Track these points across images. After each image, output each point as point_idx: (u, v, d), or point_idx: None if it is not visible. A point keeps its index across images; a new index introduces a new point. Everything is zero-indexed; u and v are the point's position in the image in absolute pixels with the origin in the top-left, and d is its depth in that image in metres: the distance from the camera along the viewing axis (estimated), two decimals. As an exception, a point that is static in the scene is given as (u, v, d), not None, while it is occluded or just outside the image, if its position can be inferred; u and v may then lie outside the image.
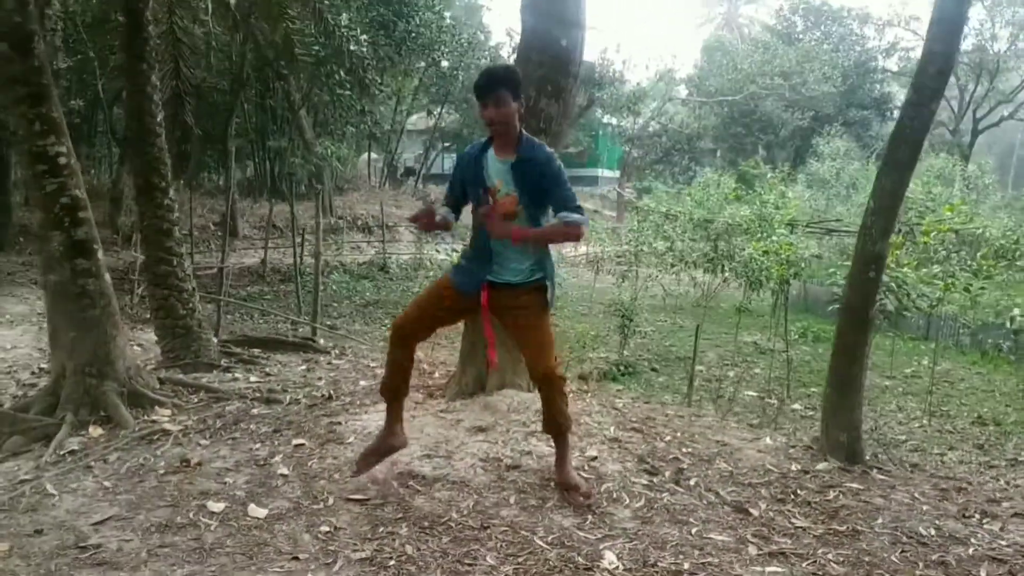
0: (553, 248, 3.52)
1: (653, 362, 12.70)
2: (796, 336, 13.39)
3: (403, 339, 3.45)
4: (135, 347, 6.34)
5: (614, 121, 35.34)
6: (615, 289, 15.61)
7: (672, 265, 15.58)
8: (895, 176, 3.99)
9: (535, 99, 4.76)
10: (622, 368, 11.84)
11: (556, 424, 3.48)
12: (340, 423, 4.53)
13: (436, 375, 5.87)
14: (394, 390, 3.57)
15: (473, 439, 4.17)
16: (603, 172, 40.05)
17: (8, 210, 15.95)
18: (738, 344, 12.87)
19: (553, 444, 3.64)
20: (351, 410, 4.83)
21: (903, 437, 8.14)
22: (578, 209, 3.19)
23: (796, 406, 9.46)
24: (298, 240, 14.77)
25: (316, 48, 7.94)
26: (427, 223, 3.43)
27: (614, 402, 5.28)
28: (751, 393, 10.40)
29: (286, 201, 18.80)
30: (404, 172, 32.71)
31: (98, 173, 22.30)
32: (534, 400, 4.77)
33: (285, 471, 3.82)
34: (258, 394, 5.16)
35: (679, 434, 4.53)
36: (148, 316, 8.07)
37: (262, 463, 3.95)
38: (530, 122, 4.80)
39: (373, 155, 30.72)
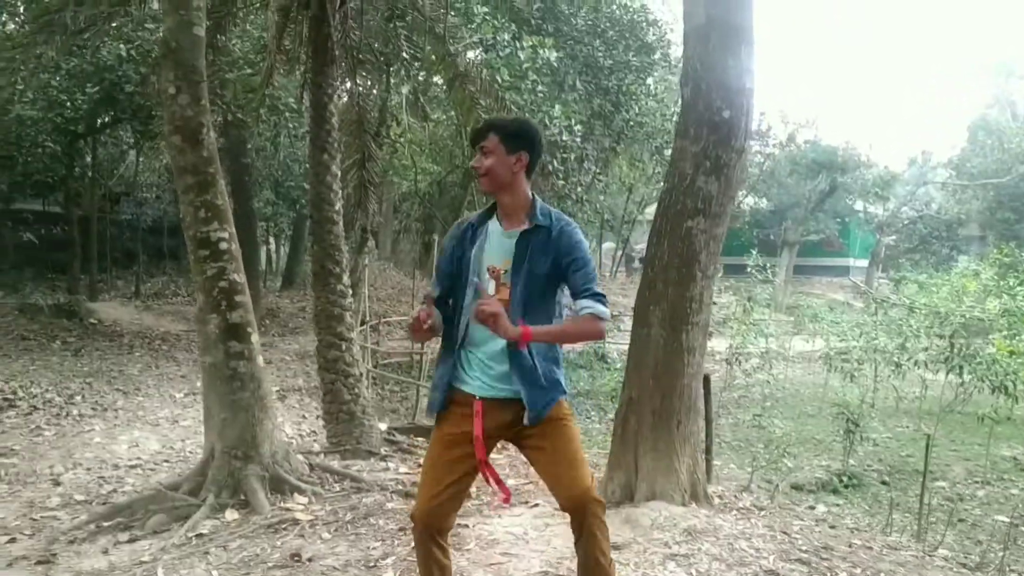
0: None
1: (884, 474, 11.18)
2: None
3: (436, 531, 2.56)
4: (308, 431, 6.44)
5: (865, 207, 33.17)
6: (845, 389, 14.12)
7: (899, 365, 13.85)
8: None
9: (692, 176, 4.30)
10: (845, 479, 10.50)
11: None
12: (467, 525, 4.18)
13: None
14: None
15: (602, 558, 3.64)
16: (854, 261, 37.37)
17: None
18: (992, 458, 11.02)
19: None
20: (485, 511, 4.47)
21: None
22: (599, 297, 2.39)
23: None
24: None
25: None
26: (417, 328, 2.37)
27: (789, 525, 4.49)
28: (1002, 518, 8.76)
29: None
30: (641, 260, 33.23)
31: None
32: (684, 516, 4.16)
33: (390, 576, 3.52)
34: (400, 487, 4.94)
35: (858, 571, 3.70)
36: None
37: (371, 565, 3.69)
38: (686, 202, 4.36)
39: (611, 244, 32.53)
